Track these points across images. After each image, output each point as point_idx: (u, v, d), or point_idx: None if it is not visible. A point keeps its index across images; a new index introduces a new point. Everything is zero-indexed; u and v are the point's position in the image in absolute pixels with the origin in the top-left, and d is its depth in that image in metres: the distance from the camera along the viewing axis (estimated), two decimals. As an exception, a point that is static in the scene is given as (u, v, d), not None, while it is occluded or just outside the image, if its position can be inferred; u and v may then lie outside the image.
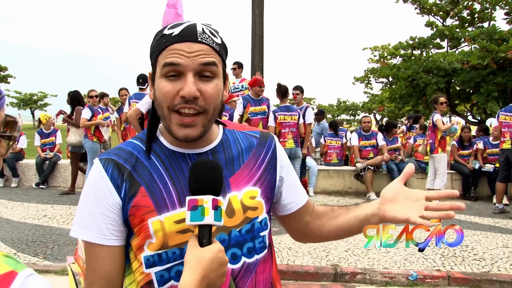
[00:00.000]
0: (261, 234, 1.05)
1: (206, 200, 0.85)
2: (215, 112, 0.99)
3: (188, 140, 0.97)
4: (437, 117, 6.78)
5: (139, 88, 6.86)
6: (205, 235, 0.86)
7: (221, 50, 0.99)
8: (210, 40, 0.96)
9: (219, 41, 0.99)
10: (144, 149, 1.03)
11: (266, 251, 1.07)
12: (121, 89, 7.94)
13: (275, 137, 1.18)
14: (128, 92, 7.69)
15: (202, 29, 0.96)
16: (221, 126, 1.13)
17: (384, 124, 9.25)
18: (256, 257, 1.03)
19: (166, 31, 0.96)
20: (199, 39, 0.95)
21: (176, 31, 0.95)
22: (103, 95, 8.17)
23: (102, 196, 0.98)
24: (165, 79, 0.95)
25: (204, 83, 0.95)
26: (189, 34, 0.94)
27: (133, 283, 1.00)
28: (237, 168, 1.05)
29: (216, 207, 0.86)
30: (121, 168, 1.00)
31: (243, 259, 1.01)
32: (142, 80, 6.86)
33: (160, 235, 0.96)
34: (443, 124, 6.80)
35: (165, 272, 0.97)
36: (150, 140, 1.05)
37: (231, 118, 5.14)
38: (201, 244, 0.86)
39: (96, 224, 0.98)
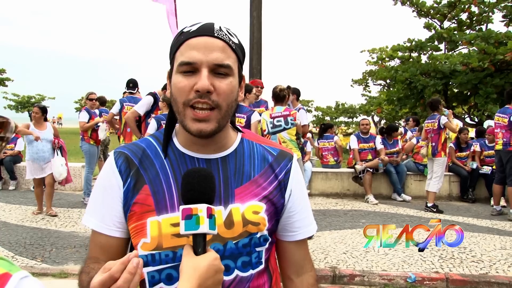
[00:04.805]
0: (257, 249, 1.03)
1: (201, 208, 0.85)
2: (229, 109, 0.99)
3: (202, 135, 0.97)
4: (445, 119, 6.84)
5: (130, 92, 6.88)
6: (200, 244, 0.86)
7: (238, 50, 1.01)
8: (226, 37, 0.98)
9: (236, 41, 1.01)
10: (157, 147, 1.06)
11: (262, 266, 1.05)
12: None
13: (294, 159, 1.13)
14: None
15: (220, 27, 0.99)
16: (239, 135, 1.12)
17: (385, 127, 9.24)
18: (251, 272, 1.02)
19: (185, 29, 1.00)
20: (216, 34, 0.97)
21: (194, 27, 0.98)
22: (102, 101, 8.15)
23: (110, 187, 1.03)
24: (181, 74, 0.97)
25: (218, 79, 0.96)
26: (206, 30, 0.97)
27: None
28: (246, 181, 1.04)
29: (210, 215, 0.85)
30: (130, 163, 1.04)
31: (236, 272, 1.00)
32: (132, 84, 6.93)
33: (155, 235, 0.97)
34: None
35: (156, 274, 0.98)
36: (167, 141, 1.06)
37: (248, 121, 5.00)
38: (196, 253, 0.86)
39: (100, 213, 1.04)
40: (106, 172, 1.06)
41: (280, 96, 5.32)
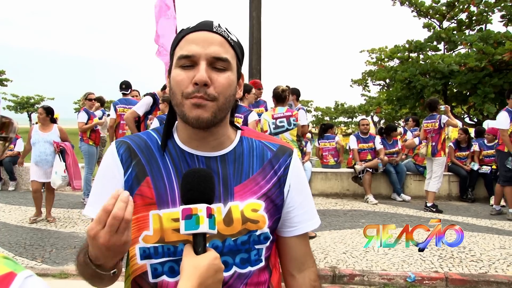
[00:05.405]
0: (257, 247, 1.04)
1: (201, 208, 0.86)
2: (226, 102, 0.99)
3: (200, 123, 0.97)
4: (445, 118, 6.86)
5: (123, 93, 6.99)
6: (200, 243, 0.87)
7: (236, 47, 1.02)
8: (225, 34, 1.00)
9: (234, 39, 1.03)
10: (159, 142, 1.07)
11: (262, 264, 1.05)
12: (132, 90, 7.90)
13: (294, 154, 1.13)
14: (139, 94, 7.73)
15: (218, 24, 1.01)
16: (238, 133, 1.12)
17: (384, 127, 9.24)
18: (250, 268, 1.03)
19: (185, 27, 1.02)
20: (214, 30, 0.98)
21: (193, 24, 1.00)
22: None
23: (111, 176, 1.04)
24: (180, 68, 0.98)
25: (216, 73, 0.97)
26: (205, 25, 0.99)
27: (130, 274, 1.04)
28: (245, 179, 1.04)
29: (210, 215, 0.86)
30: (132, 153, 1.05)
31: (235, 268, 1.01)
32: (125, 86, 7.05)
33: (157, 228, 0.98)
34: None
35: (159, 266, 0.99)
36: (166, 136, 1.07)
37: (245, 121, 4.99)
38: (196, 252, 0.87)
39: (100, 201, 1.03)
40: (107, 161, 1.06)
41: (281, 96, 5.32)
